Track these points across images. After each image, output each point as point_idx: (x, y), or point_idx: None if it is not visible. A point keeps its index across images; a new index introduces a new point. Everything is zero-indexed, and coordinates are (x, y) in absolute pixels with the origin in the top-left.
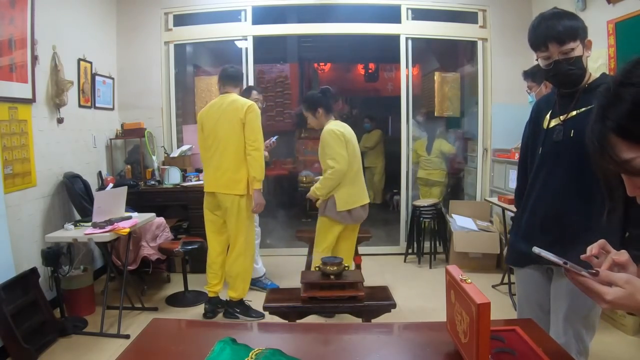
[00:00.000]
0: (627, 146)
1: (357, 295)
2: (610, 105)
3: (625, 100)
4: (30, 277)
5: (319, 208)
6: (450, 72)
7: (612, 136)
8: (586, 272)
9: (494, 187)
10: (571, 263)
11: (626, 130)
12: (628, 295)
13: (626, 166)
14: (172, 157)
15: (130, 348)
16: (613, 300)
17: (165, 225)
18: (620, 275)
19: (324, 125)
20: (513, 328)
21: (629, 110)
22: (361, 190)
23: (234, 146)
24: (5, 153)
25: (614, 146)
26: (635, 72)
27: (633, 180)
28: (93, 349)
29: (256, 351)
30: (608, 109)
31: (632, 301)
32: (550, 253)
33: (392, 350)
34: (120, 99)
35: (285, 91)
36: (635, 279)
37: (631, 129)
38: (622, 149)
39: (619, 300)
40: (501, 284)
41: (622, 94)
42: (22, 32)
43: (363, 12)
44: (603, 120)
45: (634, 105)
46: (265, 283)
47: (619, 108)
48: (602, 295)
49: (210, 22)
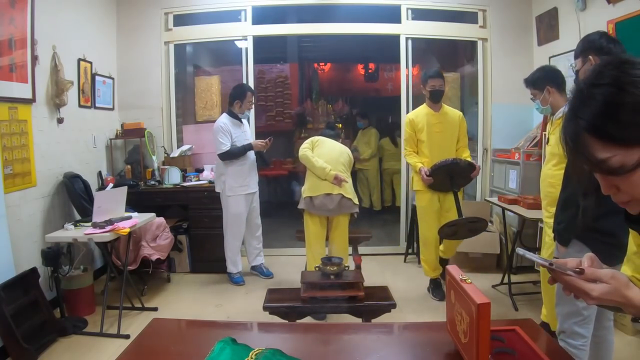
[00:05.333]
0: (601, 146)
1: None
2: (582, 105)
3: (596, 99)
4: (30, 277)
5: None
6: (450, 72)
7: (586, 136)
8: (571, 272)
9: (494, 187)
10: (557, 264)
11: (599, 129)
12: (614, 290)
13: (602, 166)
14: (172, 157)
15: (130, 348)
16: (599, 296)
17: (166, 225)
18: (605, 272)
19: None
20: (513, 328)
21: (600, 110)
22: (328, 184)
23: None
24: (5, 153)
25: (588, 146)
26: (606, 72)
27: (608, 179)
28: (93, 349)
29: (256, 351)
30: (580, 109)
31: (618, 296)
32: (534, 255)
33: (392, 350)
34: (120, 99)
35: (285, 91)
36: (620, 274)
37: (604, 128)
38: (597, 148)
39: (605, 295)
40: (501, 284)
41: (593, 94)
42: (22, 32)
43: (363, 12)
44: (576, 120)
45: (605, 104)
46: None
47: (592, 108)
48: (589, 292)
49: (210, 22)
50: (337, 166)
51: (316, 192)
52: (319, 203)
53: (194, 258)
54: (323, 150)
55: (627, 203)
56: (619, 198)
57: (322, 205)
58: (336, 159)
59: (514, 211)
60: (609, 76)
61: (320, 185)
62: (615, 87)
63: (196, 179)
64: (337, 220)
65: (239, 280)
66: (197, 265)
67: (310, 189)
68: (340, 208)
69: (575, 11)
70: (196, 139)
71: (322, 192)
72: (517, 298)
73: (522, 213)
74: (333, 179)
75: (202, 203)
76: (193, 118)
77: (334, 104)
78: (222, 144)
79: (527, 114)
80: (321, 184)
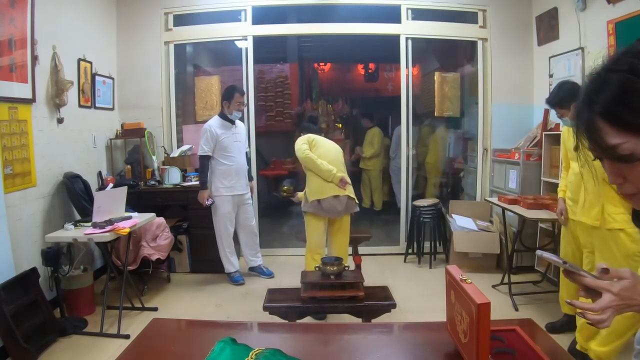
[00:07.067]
0: (614, 131)
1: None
2: (598, 90)
3: (612, 85)
4: (30, 277)
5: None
6: (450, 72)
7: (599, 121)
8: (585, 272)
9: (494, 187)
10: (570, 263)
11: (613, 115)
12: (633, 286)
13: (612, 152)
14: (172, 157)
15: (130, 348)
16: (619, 292)
17: (166, 225)
18: (625, 270)
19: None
20: (513, 328)
21: (616, 95)
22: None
23: None
24: (5, 153)
25: (600, 131)
26: (624, 59)
27: (617, 167)
28: (93, 349)
29: (256, 351)
30: (596, 94)
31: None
32: (551, 254)
33: (392, 350)
34: (120, 99)
35: (285, 91)
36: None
37: (618, 113)
38: (609, 134)
39: (624, 292)
40: (501, 284)
41: (609, 79)
42: (22, 32)
43: (363, 12)
44: (590, 105)
45: (620, 90)
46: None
47: (607, 93)
48: (609, 288)
49: (210, 22)
50: (339, 166)
51: (324, 194)
52: (327, 206)
53: (194, 258)
54: (321, 150)
55: (632, 196)
56: (624, 189)
57: (331, 208)
58: (336, 158)
59: (514, 211)
60: (627, 63)
61: (327, 187)
62: (632, 73)
63: (196, 179)
64: (341, 221)
65: (238, 279)
66: (197, 265)
67: (317, 192)
68: (347, 209)
69: (575, 11)
70: (196, 139)
71: (329, 194)
72: (517, 298)
73: (522, 213)
74: (339, 181)
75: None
76: (193, 118)
77: (334, 104)
78: (201, 148)
79: (527, 114)
80: (327, 187)
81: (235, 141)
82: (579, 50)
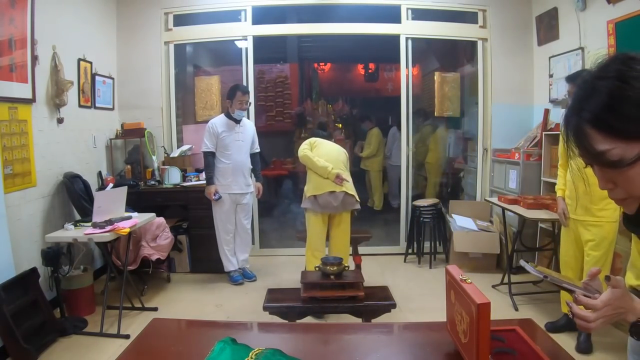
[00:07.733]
0: (602, 138)
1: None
2: (586, 97)
3: (600, 92)
4: (30, 277)
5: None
6: (450, 72)
7: (588, 128)
8: (568, 284)
9: (494, 187)
10: (551, 277)
11: (601, 121)
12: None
13: (601, 158)
14: (172, 157)
15: (130, 348)
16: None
17: (166, 225)
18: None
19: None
20: (513, 328)
21: (604, 102)
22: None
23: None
24: (5, 153)
25: (589, 138)
26: (612, 66)
27: (606, 173)
28: (93, 349)
29: (256, 351)
30: (584, 101)
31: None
32: (532, 268)
33: (392, 350)
34: (120, 99)
35: (285, 91)
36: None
37: (606, 120)
38: (598, 140)
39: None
40: (501, 284)
41: (597, 86)
42: (22, 32)
43: (363, 12)
44: (579, 112)
45: (608, 97)
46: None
47: (595, 100)
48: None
49: (210, 22)
50: (338, 164)
51: (320, 190)
52: (323, 201)
53: (193, 258)
54: (322, 151)
55: (623, 201)
56: (615, 195)
57: (327, 203)
58: (336, 158)
59: (514, 211)
60: (615, 70)
61: (324, 183)
62: (619, 80)
63: (196, 179)
64: (340, 217)
65: (238, 279)
66: (197, 265)
67: (314, 188)
68: (344, 205)
69: (575, 11)
70: (196, 139)
71: (326, 190)
72: (517, 298)
73: (522, 213)
74: (335, 177)
75: (202, 203)
76: (193, 118)
77: (334, 104)
78: (204, 144)
79: (527, 114)
80: (324, 183)
81: (237, 140)
82: (579, 50)
